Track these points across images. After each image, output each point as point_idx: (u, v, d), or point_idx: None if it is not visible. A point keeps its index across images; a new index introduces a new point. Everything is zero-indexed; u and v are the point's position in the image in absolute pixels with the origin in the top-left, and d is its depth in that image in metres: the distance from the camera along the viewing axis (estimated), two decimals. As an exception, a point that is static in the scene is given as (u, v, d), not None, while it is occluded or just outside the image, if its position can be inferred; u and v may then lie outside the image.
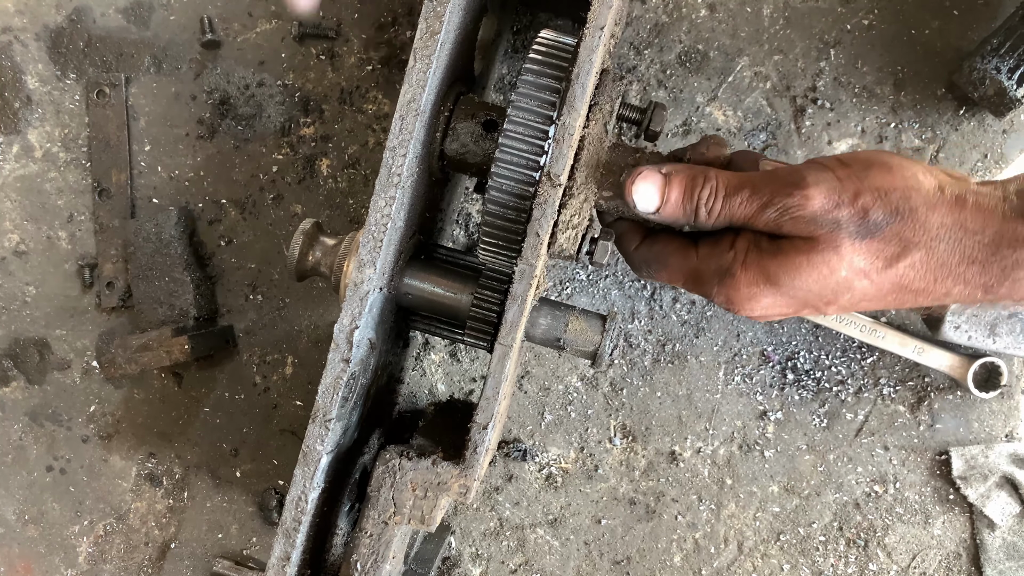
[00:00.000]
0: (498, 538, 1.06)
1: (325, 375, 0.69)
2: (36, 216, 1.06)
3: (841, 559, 1.03)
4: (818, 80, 1.00)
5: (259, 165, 1.04)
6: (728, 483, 1.04)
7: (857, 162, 0.66)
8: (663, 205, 0.68)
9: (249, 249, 1.06)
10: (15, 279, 1.07)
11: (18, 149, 1.06)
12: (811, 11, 1.00)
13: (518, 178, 0.67)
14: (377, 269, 0.68)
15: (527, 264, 0.67)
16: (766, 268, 0.66)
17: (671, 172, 0.68)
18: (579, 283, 1.03)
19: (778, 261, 0.66)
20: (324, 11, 1.02)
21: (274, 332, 1.06)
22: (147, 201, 1.06)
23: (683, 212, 0.68)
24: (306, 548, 0.73)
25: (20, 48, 1.05)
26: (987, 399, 1.00)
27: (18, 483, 1.09)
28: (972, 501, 1.01)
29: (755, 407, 1.03)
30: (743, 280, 0.67)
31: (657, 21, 1.01)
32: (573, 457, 1.05)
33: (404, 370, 0.98)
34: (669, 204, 0.68)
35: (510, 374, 0.70)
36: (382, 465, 0.70)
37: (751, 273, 0.67)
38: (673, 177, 0.68)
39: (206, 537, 1.08)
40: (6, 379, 1.08)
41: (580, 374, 1.04)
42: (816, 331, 1.02)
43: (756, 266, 0.67)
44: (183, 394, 1.08)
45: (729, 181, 0.67)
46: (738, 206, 0.67)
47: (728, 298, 0.69)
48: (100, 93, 1.04)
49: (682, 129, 1.02)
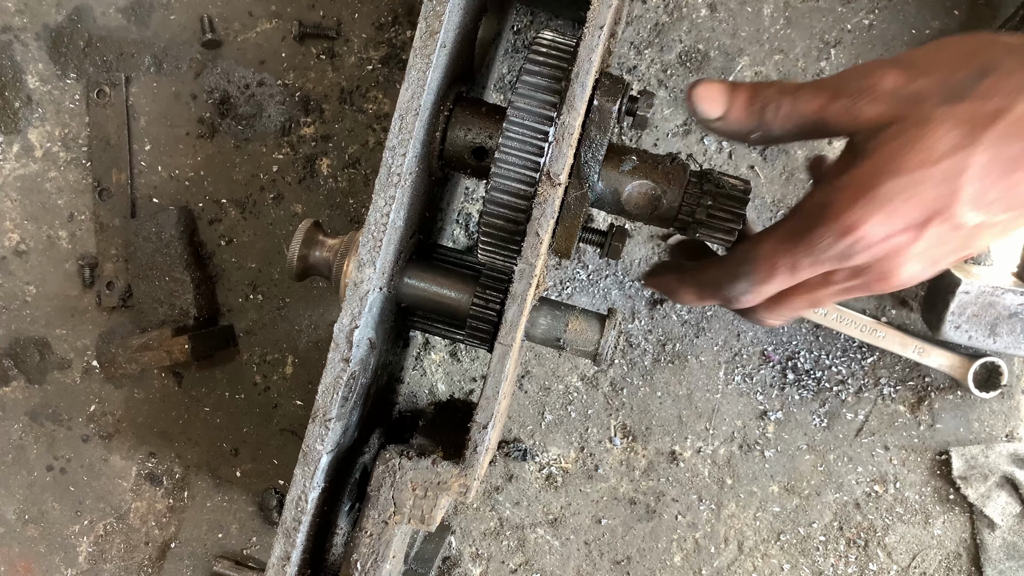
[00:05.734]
0: (498, 538, 1.06)
1: (325, 374, 0.69)
2: (36, 215, 1.06)
3: (841, 559, 1.03)
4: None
5: (259, 165, 1.04)
6: (728, 483, 1.04)
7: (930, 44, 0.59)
8: (729, 109, 0.62)
9: (249, 249, 1.06)
10: (15, 279, 1.07)
11: (18, 148, 1.06)
12: (811, 11, 1.00)
13: (518, 178, 0.67)
14: (377, 269, 0.68)
15: (527, 264, 0.67)
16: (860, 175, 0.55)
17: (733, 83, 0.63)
18: (579, 283, 1.03)
19: (871, 161, 0.55)
20: (324, 11, 1.02)
21: (274, 332, 1.06)
22: (147, 201, 1.06)
23: (748, 115, 0.62)
24: (306, 548, 0.73)
25: (20, 47, 1.05)
26: (987, 399, 1.00)
27: (18, 483, 1.09)
28: (972, 501, 1.00)
29: (755, 407, 1.03)
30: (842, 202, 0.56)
31: (657, 21, 1.01)
32: (573, 457, 1.05)
33: (404, 370, 0.98)
34: (735, 107, 0.62)
35: (510, 374, 0.70)
36: (382, 464, 0.70)
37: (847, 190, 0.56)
38: (737, 84, 0.63)
39: (206, 537, 1.08)
40: (6, 379, 1.08)
41: (580, 374, 1.04)
42: (816, 331, 1.02)
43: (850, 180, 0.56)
44: (183, 394, 1.08)
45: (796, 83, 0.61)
46: (806, 101, 0.59)
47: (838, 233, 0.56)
48: (100, 93, 1.04)
49: (682, 129, 1.02)
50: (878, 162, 0.55)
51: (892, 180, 0.54)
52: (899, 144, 0.54)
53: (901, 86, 0.55)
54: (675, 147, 1.02)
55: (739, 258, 0.65)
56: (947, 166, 0.53)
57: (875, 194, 0.54)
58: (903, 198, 0.54)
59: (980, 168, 0.53)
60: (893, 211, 0.54)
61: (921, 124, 0.53)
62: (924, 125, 0.53)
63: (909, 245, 0.56)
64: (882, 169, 0.54)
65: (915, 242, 0.56)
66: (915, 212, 0.55)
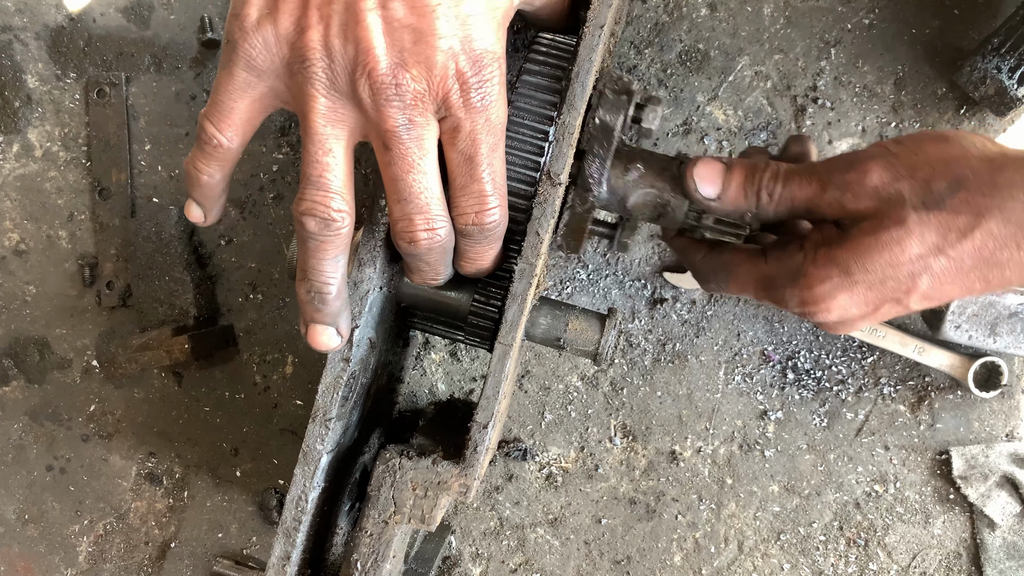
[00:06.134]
0: (498, 537, 1.06)
1: (325, 374, 0.69)
2: (36, 215, 1.06)
3: (841, 559, 1.03)
4: (819, 79, 1.00)
5: (259, 164, 1.04)
6: (728, 483, 1.04)
7: (910, 139, 0.65)
8: (725, 190, 0.67)
9: (249, 249, 1.06)
10: (15, 278, 1.07)
11: (18, 148, 1.06)
12: (812, 10, 1.00)
13: (518, 177, 0.68)
14: (377, 268, 0.68)
15: (527, 263, 0.67)
16: (836, 258, 0.64)
17: (730, 162, 0.69)
18: (579, 283, 1.03)
19: (847, 248, 0.63)
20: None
21: (274, 331, 1.06)
22: (147, 200, 1.06)
23: (745, 196, 0.67)
24: (306, 547, 0.73)
25: (20, 47, 1.05)
26: (988, 399, 1.00)
27: (18, 483, 1.09)
28: (972, 501, 1.00)
29: (755, 406, 1.03)
30: (815, 276, 0.65)
31: (658, 20, 1.01)
32: (573, 456, 1.05)
33: (404, 369, 0.98)
34: (731, 188, 0.67)
35: (510, 373, 0.70)
36: (382, 464, 0.70)
37: (822, 268, 0.64)
38: (733, 164, 0.68)
39: (206, 537, 1.08)
40: (6, 378, 1.08)
41: (580, 373, 1.04)
42: (816, 331, 1.02)
43: (826, 259, 0.64)
44: (183, 394, 1.08)
45: (788, 167, 0.67)
46: (799, 187, 0.66)
47: (802, 299, 0.66)
48: (100, 92, 1.04)
49: (682, 128, 1.02)
50: (854, 250, 0.63)
51: (862, 273, 0.63)
52: (875, 240, 0.62)
53: (884, 185, 0.62)
54: (675, 146, 1.02)
55: (721, 266, 0.73)
56: (912, 268, 0.62)
57: (844, 280, 0.63)
58: (867, 286, 0.63)
59: (939, 271, 0.62)
60: (856, 295, 0.64)
61: (897, 225, 0.61)
62: (900, 226, 0.61)
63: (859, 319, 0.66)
64: (856, 259, 0.63)
65: (864, 318, 0.66)
66: (875, 298, 0.64)
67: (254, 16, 0.59)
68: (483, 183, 0.62)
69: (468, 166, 0.62)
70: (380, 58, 0.57)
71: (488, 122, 0.60)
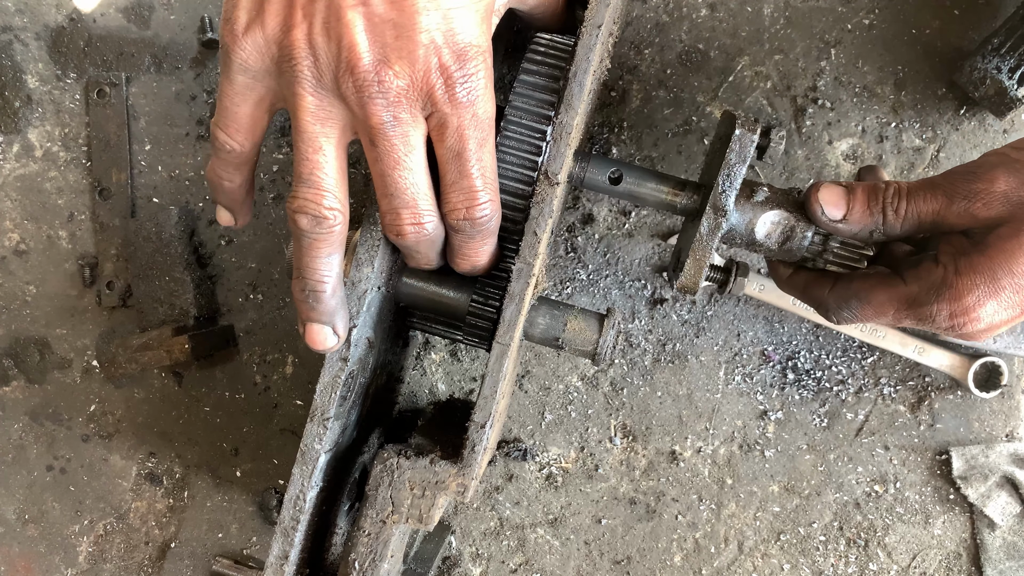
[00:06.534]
0: (498, 538, 1.06)
1: (323, 373, 0.69)
2: (36, 215, 1.07)
3: (841, 559, 1.03)
4: (819, 80, 1.00)
5: (259, 164, 1.04)
6: (728, 483, 1.03)
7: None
8: (850, 211, 0.69)
9: (249, 249, 1.06)
10: (15, 278, 1.08)
11: (18, 148, 1.06)
12: (812, 11, 1.00)
13: (516, 177, 0.68)
14: (375, 268, 0.68)
15: (524, 263, 0.67)
16: (979, 266, 0.65)
17: (850, 184, 0.70)
18: (579, 283, 1.03)
19: (989, 255, 0.65)
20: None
21: (274, 331, 1.06)
22: (147, 201, 1.06)
23: (871, 215, 0.69)
24: (304, 547, 0.73)
25: (20, 47, 1.05)
26: (987, 399, 1.00)
27: (18, 483, 1.09)
28: (972, 501, 1.00)
29: (755, 407, 1.03)
30: (963, 287, 0.65)
31: (657, 20, 1.01)
32: (573, 457, 1.05)
33: (404, 369, 0.98)
34: (856, 209, 0.69)
35: (508, 373, 0.70)
36: (380, 464, 0.70)
37: (967, 278, 0.65)
38: (855, 186, 0.70)
39: (206, 536, 1.08)
40: (6, 378, 1.08)
41: (580, 373, 1.04)
42: (816, 331, 1.02)
43: (969, 269, 0.65)
44: (183, 394, 1.08)
45: (910, 183, 0.69)
46: (924, 202, 0.67)
47: (952, 311, 0.66)
48: (100, 92, 1.04)
49: (682, 128, 1.01)
50: (995, 257, 0.64)
51: (1008, 277, 0.64)
52: (1017, 244, 0.64)
53: (1012, 190, 0.64)
54: (675, 145, 1.02)
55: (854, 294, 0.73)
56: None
57: (991, 287, 0.65)
58: (1013, 289, 0.65)
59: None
60: (1003, 300, 0.65)
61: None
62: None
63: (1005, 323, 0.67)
64: (1002, 264, 0.64)
65: (1010, 321, 0.67)
66: (1021, 300, 0.65)
67: (243, 20, 0.59)
68: (472, 178, 0.62)
69: (457, 162, 0.61)
70: (362, 55, 0.56)
71: (475, 117, 0.60)
